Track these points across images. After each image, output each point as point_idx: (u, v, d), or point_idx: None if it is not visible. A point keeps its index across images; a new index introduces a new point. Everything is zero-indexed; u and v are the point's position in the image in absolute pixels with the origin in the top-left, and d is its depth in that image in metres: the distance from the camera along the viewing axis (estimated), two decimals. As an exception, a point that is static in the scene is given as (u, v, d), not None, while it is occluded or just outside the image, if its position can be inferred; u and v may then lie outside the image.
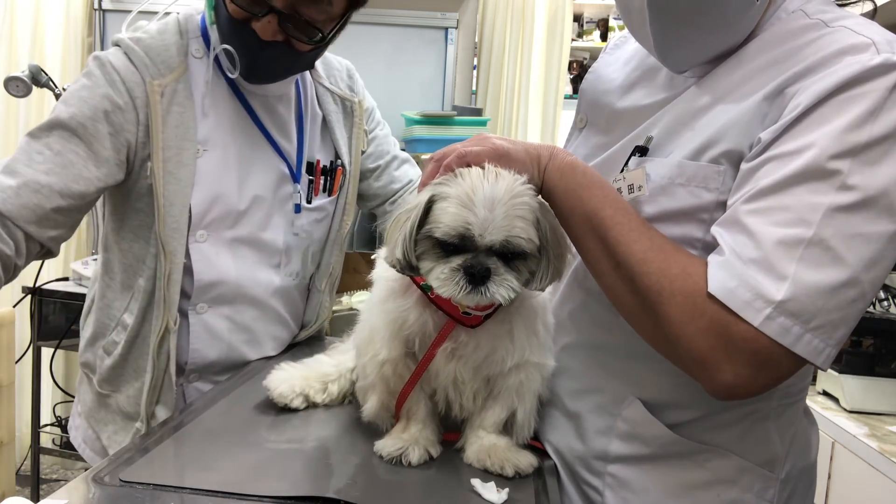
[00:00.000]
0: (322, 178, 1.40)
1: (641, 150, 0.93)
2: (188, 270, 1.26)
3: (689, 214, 0.87)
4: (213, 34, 1.24)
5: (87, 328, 1.37)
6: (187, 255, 1.24)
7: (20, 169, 1.13)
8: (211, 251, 1.27)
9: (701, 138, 0.87)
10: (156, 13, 1.32)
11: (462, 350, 0.93)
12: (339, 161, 1.42)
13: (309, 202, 1.38)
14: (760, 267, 0.75)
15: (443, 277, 0.84)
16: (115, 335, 1.29)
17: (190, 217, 1.23)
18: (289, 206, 1.36)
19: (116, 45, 1.22)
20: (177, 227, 1.21)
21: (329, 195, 1.42)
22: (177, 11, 1.30)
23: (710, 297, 0.77)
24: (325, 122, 1.42)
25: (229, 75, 1.25)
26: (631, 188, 0.92)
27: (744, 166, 0.82)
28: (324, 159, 1.41)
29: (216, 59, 1.26)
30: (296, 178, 1.35)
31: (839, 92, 0.77)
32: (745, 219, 0.78)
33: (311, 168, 1.38)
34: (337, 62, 1.47)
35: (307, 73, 1.40)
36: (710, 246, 0.84)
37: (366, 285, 1.07)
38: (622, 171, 0.94)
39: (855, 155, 0.75)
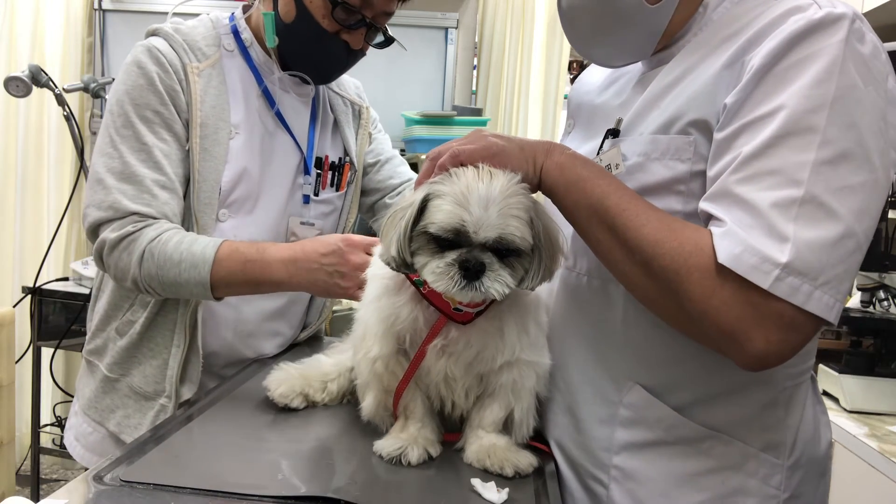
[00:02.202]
0: (330, 172, 1.45)
1: (613, 133, 0.97)
2: None
3: (667, 187, 0.89)
4: (245, 32, 1.35)
5: (96, 314, 1.38)
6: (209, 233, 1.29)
7: (139, 171, 1.21)
8: (229, 233, 1.30)
9: (668, 114, 0.90)
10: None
11: (452, 347, 0.94)
12: (347, 158, 1.48)
13: (316, 195, 1.43)
14: (761, 232, 0.77)
15: (438, 272, 0.85)
16: (130, 314, 1.31)
17: (219, 195, 1.28)
18: (298, 196, 1.41)
19: (154, 34, 1.29)
20: (208, 202, 1.26)
21: (336, 190, 1.47)
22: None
23: (724, 268, 0.77)
24: (335, 124, 1.48)
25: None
26: (608, 168, 0.94)
27: (717, 136, 0.84)
28: (332, 156, 1.46)
29: (247, 56, 1.35)
30: (307, 170, 1.41)
31: (791, 49, 0.80)
32: (736, 189, 0.79)
33: (319, 163, 1.44)
34: (347, 76, 1.54)
35: None
36: (691, 216, 0.86)
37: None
38: (598, 153, 0.97)
39: (829, 108, 0.77)
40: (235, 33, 1.36)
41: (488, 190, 0.83)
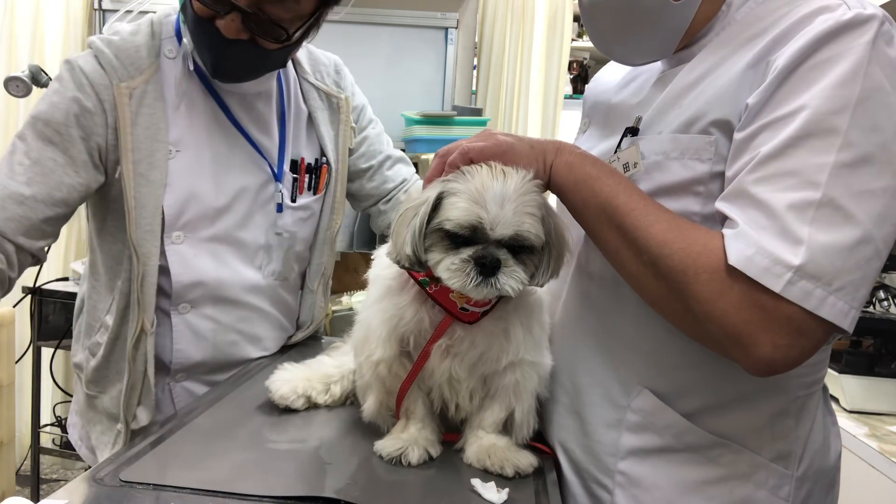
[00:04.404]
0: (307, 175, 1.38)
1: (633, 131, 0.95)
2: (166, 272, 1.25)
3: (685, 188, 0.88)
4: (186, 35, 1.24)
5: (77, 329, 1.37)
6: (163, 256, 1.23)
7: (2, 181, 1.14)
8: (189, 252, 1.25)
9: (689, 113, 0.88)
10: (147, 13, 1.33)
11: (457, 347, 0.93)
12: (324, 159, 1.41)
13: (293, 201, 1.36)
14: (775, 233, 0.75)
15: (453, 268, 0.84)
16: (98, 336, 1.29)
17: (163, 219, 1.22)
18: (271, 206, 1.34)
19: (89, 46, 1.22)
20: (150, 229, 1.20)
21: (314, 193, 1.40)
22: (153, 11, 1.30)
23: (734, 269, 0.76)
24: (310, 118, 1.39)
25: (207, 74, 1.24)
26: (626, 167, 0.93)
27: (737, 136, 0.83)
28: (308, 157, 1.39)
29: (193, 58, 1.26)
30: (277, 178, 1.33)
31: (817, 49, 0.78)
32: (752, 189, 0.78)
33: (295, 166, 1.37)
34: (325, 57, 1.45)
35: (290, 68, 1.38)
36: (709, 218, 0.85)
37: (365, 285, 1.07)
38: (616, 152, 0.96)
39: (852, 110, 0.75)
40: (179, 35, 1.26)
41: (503, 188, 0.83)
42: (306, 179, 1.38)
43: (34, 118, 1.17)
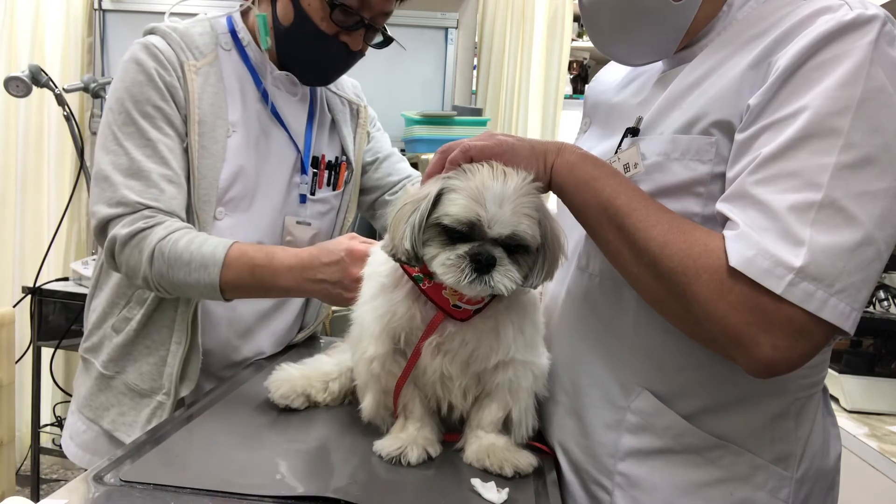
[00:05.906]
0: (326, 172, 1.45)
1: (633, 132, 0.95)
2: None
3: (686, 188, 0.88)
4: (240, 31, 1.36)
5: (92, 311, 1.38)
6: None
7: (145, 166, 1.21)
8: (227, 233, 1.29)
9: (690, 114, 0.88)
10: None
11: (448, 345, 0.93)
12: (343, 157, 1.48)
13: (313, 194, 1.42)
14: (776, 235, 0.75)
15: (448, 264, 0.85)
16: (126, 312, 1.31)
17: (217, 192, 1.28)
18: (295, 195, 1.40)
19: (151, 32, 1.30)
20: (207, 199, 1.27)
21: (333, 189, 1.46)
22: (205, 13, 1.41)
23: (735, 270, 0.76)
24: (332, 123, 1.48)
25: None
26: (627, 167, 0.93)
27: (738, 137, 0.82)
28: (329, 155, 1.46)
29: (244, 55, 1.36)
30: (304, 169, 1.41)
31: (819, 50, 0.78)
32: (753, 190, 0.78)
33: (315, 162, 1.44)
34: (345, 76, 1.53)
35: None
36: (709, 219, 0.85)
37: (366, 284, 1.07)
38: (616, 152, 0.96)
39: (854, 111, 0.75)
40: (233, 33, 1.36)
41: (503, 188, 0.84)
42: (325, 175, 1.46)
43: (129, 103, 1.23)
